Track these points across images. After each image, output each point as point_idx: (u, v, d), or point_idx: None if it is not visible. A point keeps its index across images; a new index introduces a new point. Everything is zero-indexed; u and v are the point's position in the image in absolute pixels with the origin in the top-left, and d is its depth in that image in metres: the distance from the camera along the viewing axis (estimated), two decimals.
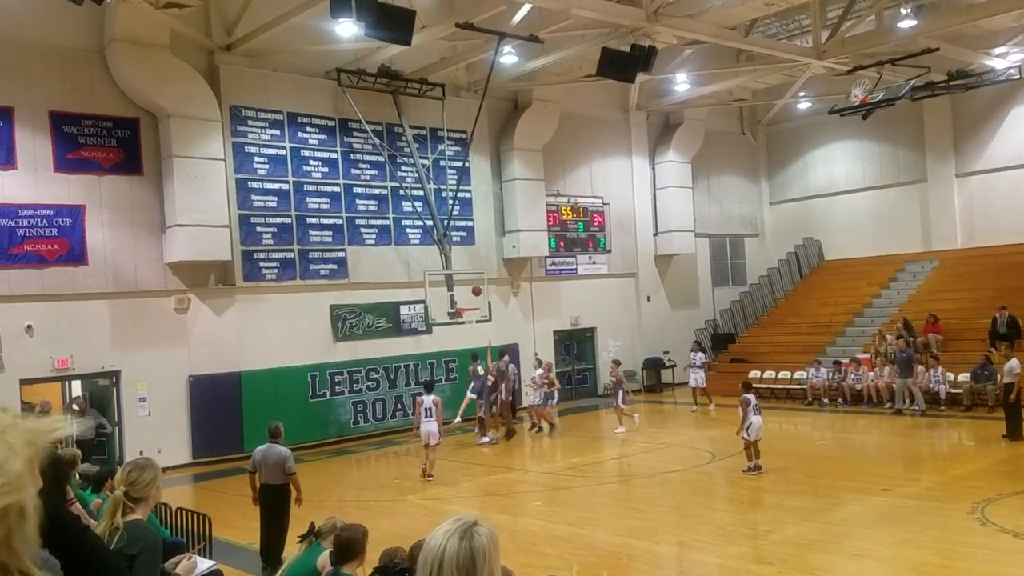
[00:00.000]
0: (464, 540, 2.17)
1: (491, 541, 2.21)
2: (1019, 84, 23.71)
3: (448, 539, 2.18)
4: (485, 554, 2.18)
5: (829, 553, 9.49)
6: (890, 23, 20.84)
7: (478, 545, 2.18)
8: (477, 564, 2.16)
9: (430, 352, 21.16)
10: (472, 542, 2.18)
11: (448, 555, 2.16)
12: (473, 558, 2.16)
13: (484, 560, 2.17)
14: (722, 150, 29.35)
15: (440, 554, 2.17)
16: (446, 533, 2.20)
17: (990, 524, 9.97)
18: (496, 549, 2.22)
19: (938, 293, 23.89)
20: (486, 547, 2.19)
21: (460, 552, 2.15)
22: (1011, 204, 24.32)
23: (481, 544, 2.18)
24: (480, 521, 2.24)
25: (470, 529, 2.20)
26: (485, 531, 2.22)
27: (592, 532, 11.03)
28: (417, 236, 21.43)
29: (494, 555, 2.21)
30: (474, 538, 2.18)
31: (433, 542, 2.21)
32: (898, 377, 19.65)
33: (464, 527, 2.21)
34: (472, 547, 2.17)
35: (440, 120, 21.24)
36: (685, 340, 26.48)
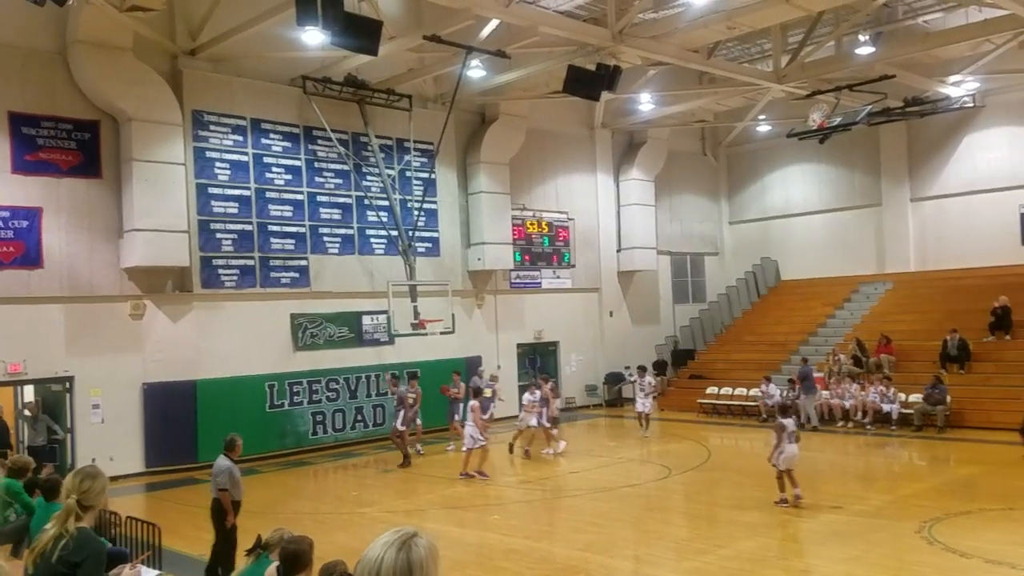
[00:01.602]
0: (402, 552, 2.17)
1: (429, 553, 2.21)
2: (973, 112, 24.45)
3: (386, 550, 2.18)
4: (422, 565, 2.18)
5: (780, 569, 9.64)
6: (849, 49, 21.39)
7: (415, 557, 2.18)
8: (414, 575, 2.16)
9: (392, 363, 21.06)
10: (410, 554, 2.18)
11: (385, 566, 2.15)
12: (410, 569, 2.16)
13: (421, 571, 2.17)
14: (684, 170, 29.79)
15: (377, 565, 2.16)
16: (384, 544, 2.20)
17: (937, 543, 10.20)
18: (434, 561, 2.21)
19: (891, 315, 24.44)
20: (423, 559, 2.18)
21: (397, 563, 2.15)
22: (963, 229, 25.00)
23: (419, 556, 2.18)
24: (419, 533, 2.23)
25: (408, 541, 2.20)
26: (423, 543, 2.22)
27: (549, 546, 11.07)
28: (382, 246, 21.37)
29: (431, 567, 2.20)
30: (412, 550, 2.18)
31: (371, 553, 2.20)
32: (803, 394, 20.50)
33: (403, 539, 2.20)
34: (410, 559, 2.17)
35: (407, 131, 21.26)
36: (646, 356, 26.74)
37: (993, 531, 10.82)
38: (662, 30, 18.94)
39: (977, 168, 24.90)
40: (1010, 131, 24.35)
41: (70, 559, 4.07)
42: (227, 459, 9.60)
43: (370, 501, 14.27)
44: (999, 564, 9.25)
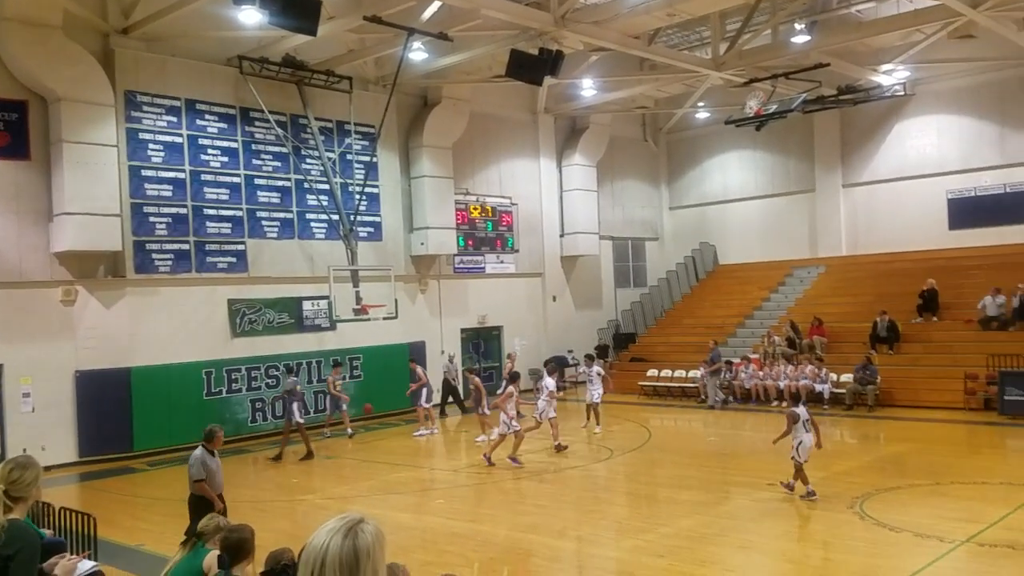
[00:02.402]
0: (348, 538, 2.14)
1: (376, 539, 2.18)
2: (903, 100, 25.19)
3: (332, 537, 2.15)
4: (369, 552, 2.15)
5: (718, 545, 9.89)
6: (785, 38, 21.82)
7: (362, 543, 2.15)
8: (360, 562, 2.13)
9: (334, 349, 20.86)
10: (356, 540, 2.15)
11: (331, 553, 2.12)
12: (356, 556, 2.13)
13: (368, 558, 2.14)
14: (625, 155, 30.07)
15: (323, 552, 2.13)
16: (330, 531, 2.16)
17: (868, 518, 10.57)
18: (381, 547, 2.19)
19: (823, 297, 25.14)
20: (370, 545, 2.15)
21: (343, 550, 2.12)
22: (892, 215, 25.82)
23: (365, 542, 2.15)
24: (366, 519, 2.20)
25: (354, 527, 2.17)
26: (370, 529, 2.18)
27: (493, 528, 11.14)
28: (322, 230, 21.09)
29: (378, 553, 2.17)
30: (358, 536, 2.15)
31: (316, 540, 2.16)
32: (708, 375, 21.47)
33: (348, 525, 2.17)
34: (356, 545, 2.14)
35: (347, 113, 20.97)
36: (589, 339, 26.98)
37: (921, 506, 11.26)
38: (604, 15, 19.03)
39: (906, 155, 25.70)
40: (938, 119, 25.18)
41: (2, 552, 3.94)
42: (202, 449, 9.42)
43: (311, 488, 14.15)
44: (927, 537, 9.63)
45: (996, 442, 16.46)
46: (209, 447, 9.44)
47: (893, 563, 8.93)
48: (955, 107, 24.83)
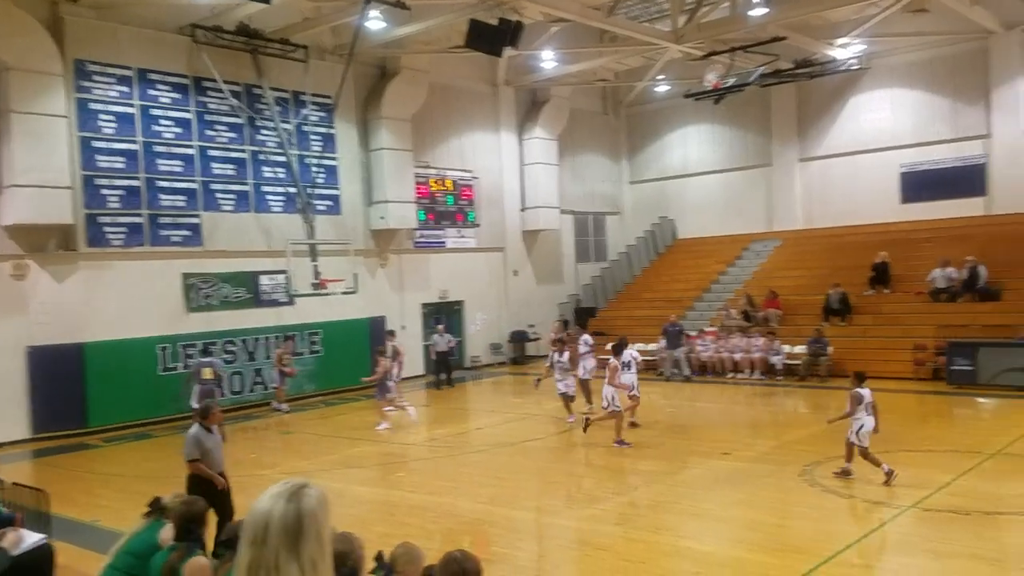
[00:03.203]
0: (291, 502, 2.14)
1: (319, 502, 2.18)
2: (859, 74, 25.51)
3: (275, 501, 2.15)
4: (313, 514, 2.15)
5: (673, 513, 10.09)
6: (743, 11, 21.89)
7: (306, 507, 2.15)
8: (304, 525, 2.13)
9: (292, 324, 20.69)
10: (300, 503, 2.15)
11: (275, 517, 2.12)
12: (300, 519, 2.13)
13: (312, 521, 2.15)
14: (586, 129, 30.06)
15: (267, 516, 2.13)
16: (273, 496, 2.16)
17: (818, 485, 10.86)
18: (325, 511, 2.19)
19: (779, 271, 25.55)
20: (314, 508, 2.16)
21: (287, 514, 2.13)
22: (847, 189, 26.24)
23: (309, 505, 2.15)
24: (308, 483, 2.20)
25: (298, 491, 2.17)
26: (314, 492, 2.19)
27: (454, 500, 11.23)
28: (279, 204, 20.82)
29: (323, 516, 2.18)
30: (302, 499, 2.16)
31: (260, 505, 2.16)
32: (666, 348, 21.80)
33: (292, 489, 2.17)
34: (300, 508, 2.14)
35: (303, 83, 20.63)
36: (550, 313, 27.10)
37: (869, 472, 11.54)
38: None
39: (861, 129, 26.08)
40: (892, 93, 25.57)
41: None
42: (197, 426, 8.87)
43: (270, 463, 14.09)
44: (875, 503, 9.93)
45: (943, 411, 16.96)
46: (205, 424, 8.92)
47: (842, 528, 9.20)
48: (908, 81, 25.22)
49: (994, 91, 23.67)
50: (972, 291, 20.73)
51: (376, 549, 4.71)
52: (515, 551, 9.19)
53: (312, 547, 2.16)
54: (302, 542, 2.13)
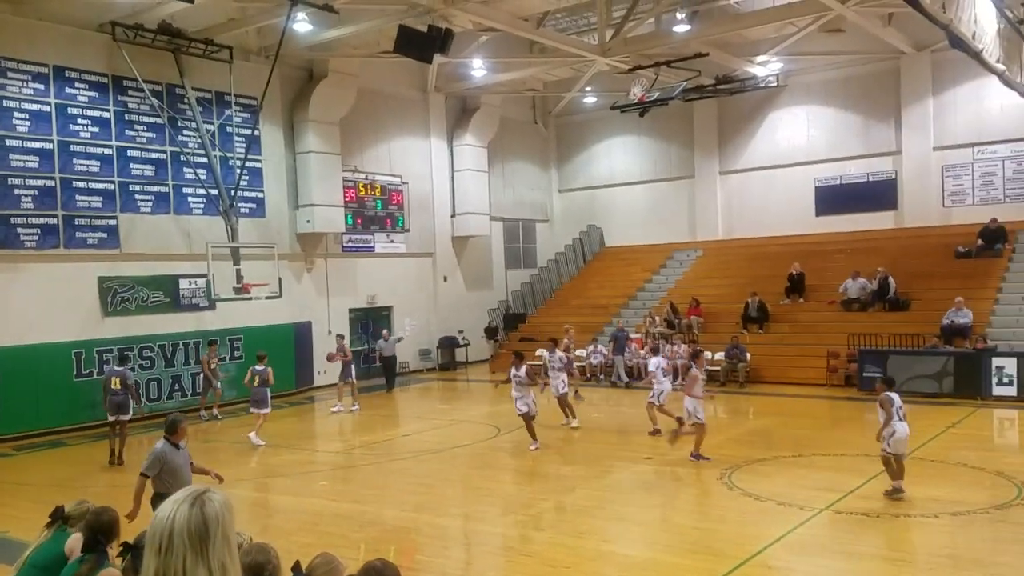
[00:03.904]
0: (195, 507, 2.14)
1: (223, 507, 2.18)
2: (777, 91, 26.41)
3: (178, 507, 2.14)
4: (218, 519, 2.15)
5: (596, 517, 10.25)
6: (667, 27, 22.49)
7: (210, 511, 2.14)
8: (210, 529, 2.13)
9: (213, 329, 20.22)
10: (204, 508, 2.14)
11: (179, 522, 2.11)
12: (205, 523, 2.13)
13: (217, 525, 2.15)
14: (516, 137, 30.31)
15: (170, 522, 2.12)
16: (175, 502, 2.16)
17: (736, 488, 11.19)
18: (230, 515, 2.19)
19: (701, 279, 26.21)
20: (218, 512, 2.16)
21: (191, 518, 2.12)
22: (764, 201, 27.13)
23: (213, 510, 2.15)
24: (211, 489, 2.21)
25: (200, 496, 2.17)
26: (217, 498, 2.19)
27: (379, 509, 11.16)
28: (200, 206, 20.35)
29: (228, 520, 2.18)
30: (205, 504, 2.15)
31: (162, 513, 2.15)
32: (613, 354, 22.16)
33: (194, 495, 2.17)
34: (204, 513, 2.13)
35: (227, 84, 20.23)
36: (479, 320, 27.14)
37: (785, 476, 11.99)
38: None
39: (778, 144, 27.02)
40: (808, 110, 26.57)
41: None
42: (163, 442, 8.15)
43: None
44: (789, 505, 10.28)
45: (855, 416, 17.60)
46: (172, 439, 8.15)
47: (758, 531, 9.49)
48: (824, 98, 26.24)
49: (904, 109, 24.82)
50: (882, 301, 21.67)
51: (298, 560, 4.67)
52: (441, 559, 9.20)
53: (220, 550, 2.16)
54: (209, 546, 2.13)
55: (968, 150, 24.05)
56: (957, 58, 18.57)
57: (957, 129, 24.12)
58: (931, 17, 12.33)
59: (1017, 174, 23.55)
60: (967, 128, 23.95)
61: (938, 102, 24.35)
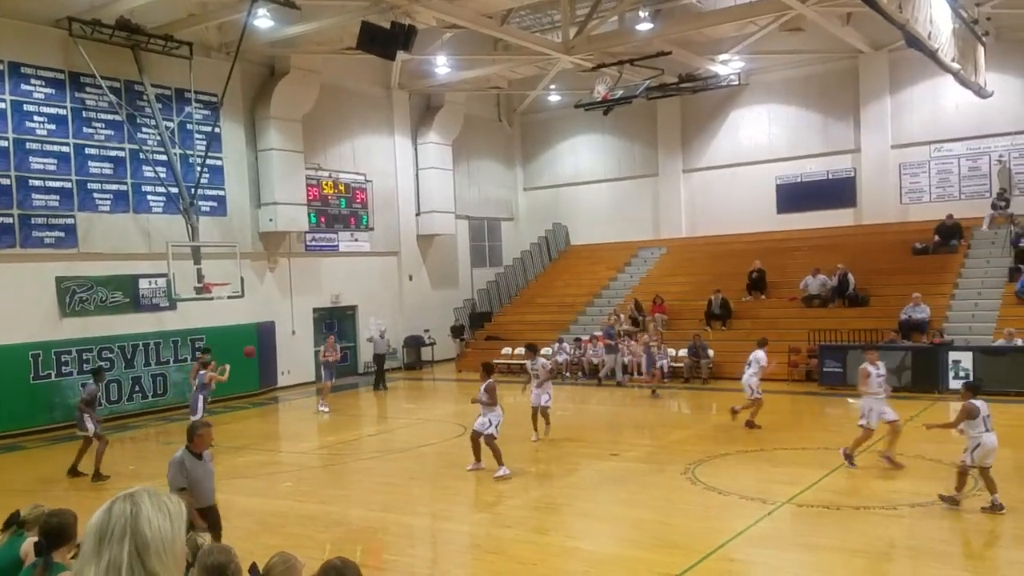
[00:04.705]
0: (128, 503, 2.13)
1: (156, 500, 2.18)
2: (739, 90, 26.70)
3: (114, 503, 2.13)
4: (151, 520, 2.14)
5: (561, 514, 10.31)
6: (630, 25, 22.61)
7: (145, 512, 2.14)
8: (143, 530, 2.12)
9: (174, 330, 19.95)
10: (139, 509, 2.14)
11: (116, 515, 2.11)
12: (140, 524, 2.12)
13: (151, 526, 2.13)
14: (481, 135, 30.27)
15: (107, 516, 2.11)
16: (111, 501, 2.15)
17: (700, 483, 11.31)
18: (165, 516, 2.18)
19: (665, 277, 26.44)
20: (152, 513, 2.15)
21: (128, 511, 2.11)
22: (727, 199, 27.43)
23: (147, 511, 2.14)
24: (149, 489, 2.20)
25: (134, 493, 2.17)
26: (153, 492, 2.19)
27: (345, 509, 11.09)
28: (160, 204, 20.04)
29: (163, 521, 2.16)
30: (141, 505, 2.14)
31: (97, 517, 2.13)
32: (605, 354, 21.98)
33: (128, 493, 2.17)
34: (139, 513, 2.13)
35: (187, 81, 19.95)
36: (445, 319, 27.06)
37: (747, 470, 12.16)
38: None
39: (740, 142, 27.34)
40: (769, 108, 26.91)
41: None
42: (183, 451, 7.49)
43: (149, 475, 13.47)
44: (752, 499, 10.41)
45: (816, 411, 17.91)
46: (193, 448, 7.49)
47: (721, 524, 9.60)
48: (785, 97, 26.60)
49: (863, 108, 25.25)
50: (842, 297, 22.03)
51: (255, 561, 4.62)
52: (408, 558, 9.18)
53: (158, 552, 2.14)
54: (147, 549, 2.12)
55: (925, 148, 24.55)
56: (914, 57, 18.96)
57: (914, 127, 24.60)
58: (888, 17, 12.59)
59: (972, 171, 24.09)
60: (924, 126, 24.44)
61: (895, 101, 24.81)
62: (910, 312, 19.91)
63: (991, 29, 21.49)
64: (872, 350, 13.21)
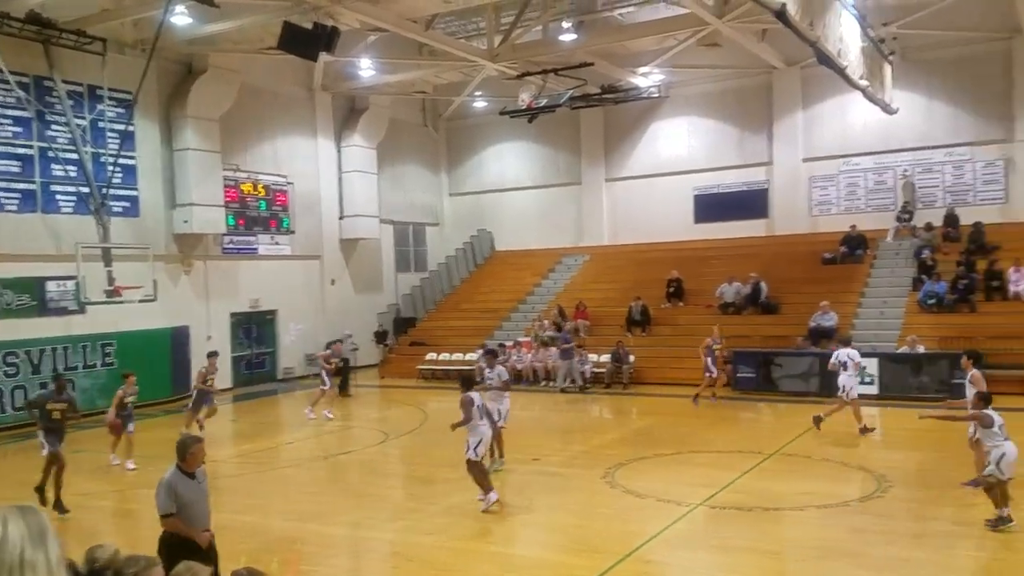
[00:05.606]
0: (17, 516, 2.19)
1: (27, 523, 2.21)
2: (659, 102, 27.31)
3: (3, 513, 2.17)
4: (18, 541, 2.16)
5: (484, 520, 10.33)
6: (554, 35, 22.91)
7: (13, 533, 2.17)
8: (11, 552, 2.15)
9: (83, 334, 19.21)
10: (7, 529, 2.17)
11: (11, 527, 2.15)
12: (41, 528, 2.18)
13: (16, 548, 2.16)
14: (406, 140, 30.13)
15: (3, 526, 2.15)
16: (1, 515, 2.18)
17: (619, 487, 11.52)
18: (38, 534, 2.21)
19: (588, 284, 26.81)
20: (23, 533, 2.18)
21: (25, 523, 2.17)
22: (647, 208, 28.02)
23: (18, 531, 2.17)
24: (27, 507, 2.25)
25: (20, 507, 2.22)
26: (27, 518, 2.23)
27: (261, 519, 10.87)
28: (70, 204, 19.32)
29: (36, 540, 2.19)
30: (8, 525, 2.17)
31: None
32: (561, 359, 21.76)
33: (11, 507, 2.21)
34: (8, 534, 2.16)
35: (100, 78, 19.28)
36: (368, 324, 26.79)
37: (665, 473, 12.44)
38: None
39: (660, 153, 27.98)
40: (688, 121, 27.61)
41: None
42: (174, 471, 6.80)
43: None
44: (668, 502, 10.66)
45: (730, 415, 18.40)
46: (185, 468, 6.80)
47: (638, 527, 9.80)
48: (702, 110, 27.33)
49: (776, 122, 26.15)
50: (755, 305, 22.75)
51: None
52: (327, 568, 9.07)
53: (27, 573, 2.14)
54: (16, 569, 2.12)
55: (834, 162, 25.57)
56: (825, 74, 19.71)
57: (824, 142, 25.61)
58: (800, 34, 13.11)
59: (878, 185, 25.20)
60: (833, 141, 25.46)
61: (807, 115, 25.78)
62: (819, 320, 20.69)
63: (897, 48, 22.52)
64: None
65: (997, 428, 9.19)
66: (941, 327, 19.77)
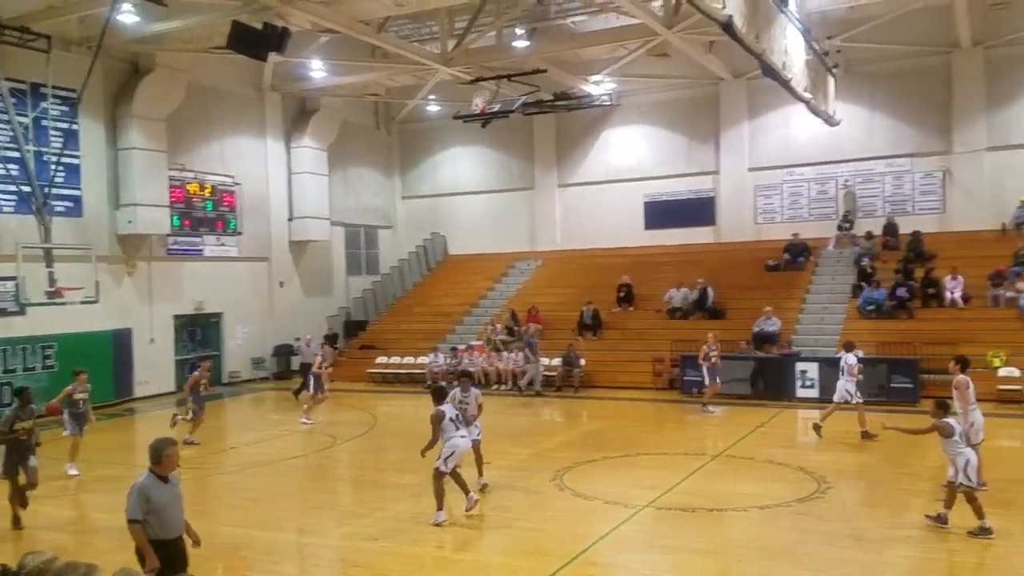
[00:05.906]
0: None
1: None
2: (611, 110, 27.64)
3: None
4: None
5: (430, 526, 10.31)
6: (507, 41, 23.03)
7: None
8: None
9: (23, 336, 18.73)
10: None
11: None
12: None
13: None
14: (358, 142, 29.97)
15: None
16: None
17: (567, 489, 11.62)
18: None
19: (540, 288, 26.97)
20: None
21: None
22: (598, 214, 28.33)
23: None
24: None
25: None
26: None
27: (204, 525, 10.57)
28: (11, 203, 18.84)
29: None
30: None
31: None
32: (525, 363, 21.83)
33: None
34: None
35: (44, 75, 18.83)
36: (318, 327, 26.55)
37: (613, 476, 12.58)
38: None
39: (611, 160, 28.31)
40: (639, 129, 27.99)
41: None
42: (148, 475, 6.57)
43: None
44: (615, 504, 10.79)
45: (677, 418, 18.67)
46: (159, 471, 6.58)
47: (586, 529, 9.90)
48: (653, 119, 27.73)
49: (723, 132, 26.65)
50: (702, 310, 23.13)
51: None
52: (271, 575, 8.97)
53: None
54: None
55: (779, 171, 26.15)
56: (770, 86, 20.08)
57: (769, 152, 26.18)
58: (746, 46, 13.38)
59: (820, 195, 25.84)
60: (778, 151, 26.04)
61: (753, 126, 26.32)
62: (762, 325, 21.12)
63: (841, 61, 23.12)
64: None
65: (958, 436, 9.29)
66: (880, 333, 20.35)
